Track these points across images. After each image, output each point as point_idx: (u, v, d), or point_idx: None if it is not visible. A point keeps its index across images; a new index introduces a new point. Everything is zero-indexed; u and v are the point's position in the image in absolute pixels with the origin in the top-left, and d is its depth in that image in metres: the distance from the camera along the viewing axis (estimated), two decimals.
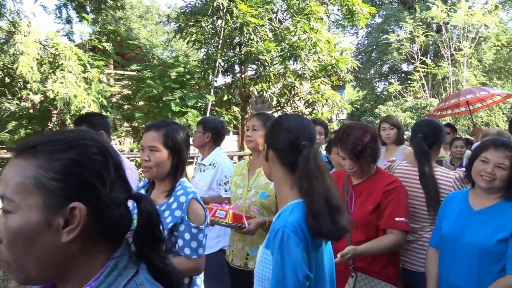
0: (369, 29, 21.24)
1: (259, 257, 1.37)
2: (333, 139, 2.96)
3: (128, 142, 9.60)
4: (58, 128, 7.53)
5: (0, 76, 6.99)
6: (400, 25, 18.57)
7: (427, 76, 16.79)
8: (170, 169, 1.88)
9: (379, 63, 22.01)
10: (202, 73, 8.30)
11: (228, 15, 7.81)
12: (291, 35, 8.12)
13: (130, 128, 8.95)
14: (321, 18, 8.47)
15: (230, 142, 13.36)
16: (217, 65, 8.03)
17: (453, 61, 16.49)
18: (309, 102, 8.93)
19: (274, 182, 1.50)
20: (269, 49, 7.73)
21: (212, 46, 8.61)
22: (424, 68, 16.48)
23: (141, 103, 8.80)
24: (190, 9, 8.80)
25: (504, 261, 1.81)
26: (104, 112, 6.93)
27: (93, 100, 6.78)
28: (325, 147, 3.45)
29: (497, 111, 16.34)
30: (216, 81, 8.73)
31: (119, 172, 0.80)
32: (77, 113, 6.32)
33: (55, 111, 7.33)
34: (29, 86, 6.62)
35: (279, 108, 9.25)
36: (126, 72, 9.52)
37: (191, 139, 2.41)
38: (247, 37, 7.77)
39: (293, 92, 9.02)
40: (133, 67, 8.19)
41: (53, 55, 6.77)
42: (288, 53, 7.88)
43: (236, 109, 8.62)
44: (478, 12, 15.91)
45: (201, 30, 8.09)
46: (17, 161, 0.74)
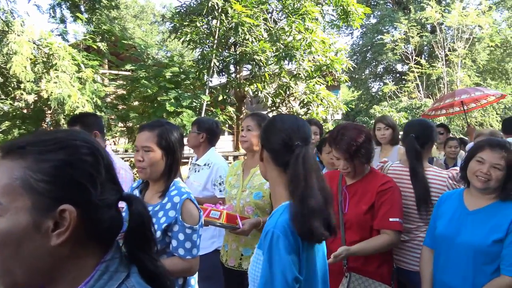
0: (364, 29, 21.27)
1: (252, 257, 1.37)
2: (326, 139, 2.97)
3: (122, 142, 9.56)
4: (52, 128, 7.48)
5: None
6: (395, 25, 18.61)
7: (421, 76, 16.86)
8: (164, 170, 1.87)
9: (374, 63, 22.05)
10: (197, 73, 8.28)
11: (223, 15, 7.80)
12: (286, 35, 8.12)
13: (125, 128, 8.88)
14: (316, 18, 8.49)
15: (225, 142, 13.37)
16: (212, 65, 8.02)
17: (448, 62, 16.56)
18: (304, 102, 8.93)
19: (269, 182, 1.50)
20: (264, 49, 7.72)
21: (207, 46, 8.59)
22: (418, 68, 16.53)
23: (135, 103, 8.75)
24: (185, 9, 8.77)
25: (498, 261, 1.82)
26: (98, 112, 6.89)
27: (87, 100, 6.73)
28: (316, 147, 3.43)
29: (491, 111, 16.42)
30: (211, 81, 8.73)
31: (110, 173, 0.79)
32: (71, 113, 6.27)
33: (49, 111, 7.28)
34: (22, 86, 6.58)
35: (274, 108, 9.24)
36: (120, 72, 9.44)
37: (185, 139, 2.40)
38: (242, 37, 7.76)
39: (288, 92, 9.03)
40: (128, 67, 8.12)
41: (47, 55, 6.72)
42: (283, 53, 7.89)
43: (231, 109, 8.59)
44: (472, 13, 15.98)
45: (196, 30, 8.08)
46: (5, 162, 0.72)
